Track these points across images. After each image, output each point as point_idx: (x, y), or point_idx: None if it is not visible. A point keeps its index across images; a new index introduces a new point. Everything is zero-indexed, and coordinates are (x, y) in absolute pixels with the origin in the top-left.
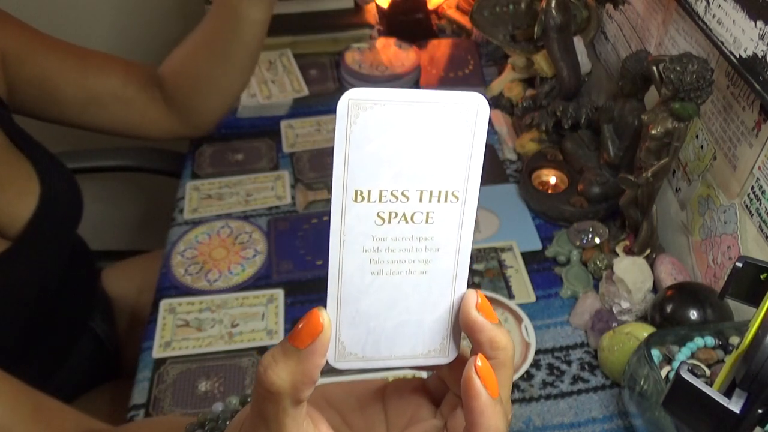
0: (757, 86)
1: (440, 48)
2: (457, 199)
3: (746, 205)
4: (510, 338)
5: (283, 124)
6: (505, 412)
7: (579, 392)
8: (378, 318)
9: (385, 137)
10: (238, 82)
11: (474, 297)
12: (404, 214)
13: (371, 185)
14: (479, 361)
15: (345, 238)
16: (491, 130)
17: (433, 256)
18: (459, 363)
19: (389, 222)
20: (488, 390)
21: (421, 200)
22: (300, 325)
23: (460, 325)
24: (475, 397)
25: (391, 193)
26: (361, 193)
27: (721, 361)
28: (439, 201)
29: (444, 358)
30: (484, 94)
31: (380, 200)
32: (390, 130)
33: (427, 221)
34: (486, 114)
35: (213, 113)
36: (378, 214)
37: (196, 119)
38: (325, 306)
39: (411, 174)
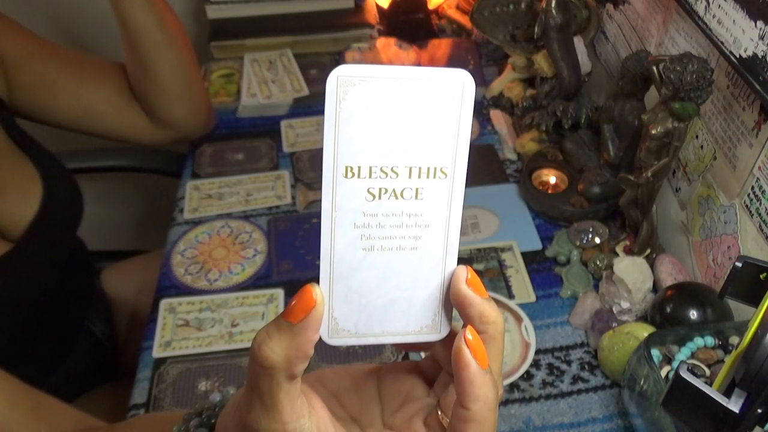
0: (757, 86)
1: (440, 48)
2: (446, 175)
3: (746, 205)
4: (500, 313)
5: (284, 123)
6: (495, 384)
7: (579, 392)
8: (370, 294)
9: (373, 113)
10: (173, 67)
11: (464, 272)
12: (394, 190)
13: (361, 161)
14: (469, 333)
15: (336, 215)
16: (491, 130)
17: (424, 232)
18: (451, 340)
19: (379, 198)
20: (477, 360)
21: (410, 176)
22: (293, 301)
23: (450, 301)
24: (465, 367)
25: (381, 169)
26: (351, 169)
27: (721, 361)
28: (428, 177)
29: (436, 335)
30: (469, 71)
31: (370, 176)
32: (378, 106)
33: (416, 197)
34: (472, 90)
35: (181, 107)
36: (368, 190)
37: (173, 120)
38: (318, 283)
39: (400, 150)
